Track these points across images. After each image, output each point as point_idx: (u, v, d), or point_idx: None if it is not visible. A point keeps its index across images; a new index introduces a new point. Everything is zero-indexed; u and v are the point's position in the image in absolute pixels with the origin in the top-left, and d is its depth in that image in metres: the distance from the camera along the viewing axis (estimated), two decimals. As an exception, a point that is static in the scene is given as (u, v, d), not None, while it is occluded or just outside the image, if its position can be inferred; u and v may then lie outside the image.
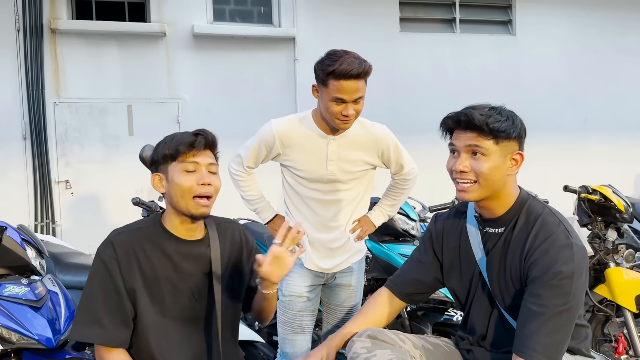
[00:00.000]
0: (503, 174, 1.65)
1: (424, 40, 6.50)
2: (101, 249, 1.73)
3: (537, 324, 1.53)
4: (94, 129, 5.57)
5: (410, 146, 2.49)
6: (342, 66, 2.07)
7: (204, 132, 1.75)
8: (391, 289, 1.96)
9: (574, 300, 1.53)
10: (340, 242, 2.40)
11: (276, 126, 2.31)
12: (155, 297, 1.73)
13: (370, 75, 2.18)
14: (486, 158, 1.63)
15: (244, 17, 6.09)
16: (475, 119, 1.62)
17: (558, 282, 1.52)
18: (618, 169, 6.64)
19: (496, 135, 1.61)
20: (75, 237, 5.22)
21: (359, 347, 1.71)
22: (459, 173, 1.67)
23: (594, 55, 7.03)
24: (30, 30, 5.30)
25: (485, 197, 1.68)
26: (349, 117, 2.16)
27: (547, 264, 1.54)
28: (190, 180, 1.69)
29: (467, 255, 1.79)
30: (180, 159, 1.70)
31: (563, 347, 1.56)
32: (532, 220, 1.65)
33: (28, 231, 2.48)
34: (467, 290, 1.81)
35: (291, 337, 2.39)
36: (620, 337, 2.89)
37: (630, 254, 3.05)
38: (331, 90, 2.12)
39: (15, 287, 2.20)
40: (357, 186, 2.39)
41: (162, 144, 1.76)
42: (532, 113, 6.69)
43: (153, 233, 1.76)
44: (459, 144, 1.67)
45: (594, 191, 2.97)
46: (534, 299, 1.55)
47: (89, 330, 1.68)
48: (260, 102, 5.94)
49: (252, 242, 1.95)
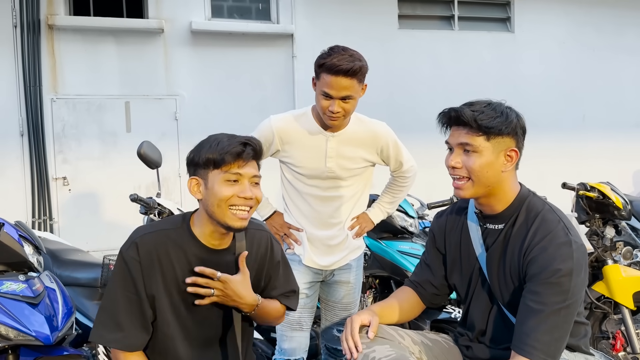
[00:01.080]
0: (496, 171, 1.64)
1: (422, 37, 6.50)
2: (124, 250, 1.67)
3: (536, 321, 1.52)
4: (92, 125, 5.56)
5: (408, 143, 2.49)
6: (333, 61, 2.07)
7: (251, 141, 1.66)
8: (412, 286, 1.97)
9: (572, 298, 1.53)
10: (338, 239, 2.40)
11: (275, 122, 2.31)
12: (174, 303, 1.69)
13: (364, 77, 2.16)
14: (477, 155, 1.62)
15: (242, 14, 6.07)
16: (464, 115, 1.62)
17: (557, 279, 1.51)
18: (616, 167, 6.65)
19: (486, 131, 1.61)
20: (73, 234, 5.21)
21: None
22: (452, 169, 1.67)
23: (592, 53, 7.04)
24: (27, 26, 5.28)
25: (481, 194, 1.67)
26: (334, 113, 2.14)
27: (546, 262, 1.54)
28: (232, 191, 1.62)
29: (468, 251, 1.79)
30: (224, 169, 1.62)
31: (562, 345, 1.56)
32: (532, 217, 1.65)
33: (25, 227, 2.47)
34: (467, 286, 1.81)
35: (289, 333, 2.39)
36: (618, 334, 2.90)
37: (628, 251, 3.06)
38: (321, 84, 2.14)
39: (13, 283, 2.19)
40: (356, 183, 2.39)
41: (205, 146, 1.65)
42: (530, 110, 6.67)
43: (179, 236, 1.70)
44: (452, 140, 1.68)
45: (592, 188, 2.97)
46: (533, 297, 1.55)
47: (109, 334, 1.65)
48: (258, 98, 5.93)
49: (277, 255, 1.88)
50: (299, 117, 2.33)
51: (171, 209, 2.83)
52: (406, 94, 6.36)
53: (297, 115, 2.34)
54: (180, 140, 5.71)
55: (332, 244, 2.39)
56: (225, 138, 1.65)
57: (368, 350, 1.65)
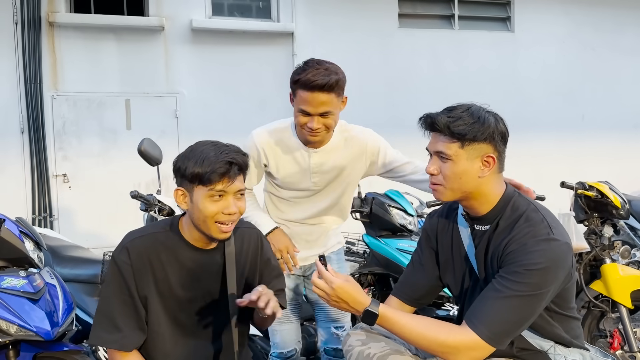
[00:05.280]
0: (472, 177, 1.63)
1: (422, 36, 6.50)
2: (116, 254, 1.71)
3: (492, 300, 1.54)
4: (92, 122, 5.57)
5: (406, 142, 2.48)
6: (307, 77, 1.98)
7: (236, 159, 1.63)
8: (399, 297, 1.95)
9: (538, 291, 1.52)
10: (317, 235, 2.38)
11: (257, 137, 2.23)
12: (167, 304, 1.73)
13: (342, 90, 2.06)
14: (452, 162, 1.62)
15: (242, 12, 6.08)
16: (437, 123, 1.62)
17: (526, 270, 1.51)
18: (615, 166, 6.65)
19: (459, 138, 1.60)
20: (73, 231, 5.23)
21: (354, 339, 1.74)
22: (430, 176, 1.68)
23: (592, 53, 7.05)
24: (28, 23, 5.28)
25: (459, 198, 1.68)
26: (313, 130, 2.06)
27: (521, 254, 1.54)
28: (216, 207, 1.62)
29: (459, 252, 1.80)
30: (209, 186, 1.61)
31: (511, 330, 1.55)
32: (515, 217, 1.64)
33: (26, 224, 2.48)
34: (460, 286, 1.82)
35: (279, 327, 2.40)
36: (616, 333, 2.91)
37: (626, 250, 3.07)
38: (298, 101, 2.05)
39: (14, 279, 2.20)
40: (340, 187, 2.33)
41: (191, 159, 1.62)
42: (529, 110, 6.75)
43: (168, 239, 1.73)
44: (430, 147, 1.69)
45: (590, 187, 2.98)
46: (498, 279, 1.56)
47: (107, 335, 1.68)
48: (258, 97, 5.94)
49: (267, 253, 1.90)
50: (281, 130, 2.24)
51: (171, 206, 2.85)
52: (406, 93, 6.36)
53: (279, 129, 2.25)
54: (180, 137, 5.71)
55: (310, 240, 2.37)
56: (212, 153, 1.61)
57: (363, 347, 1.66)
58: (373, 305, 1.58)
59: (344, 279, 1.59)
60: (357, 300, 1.58)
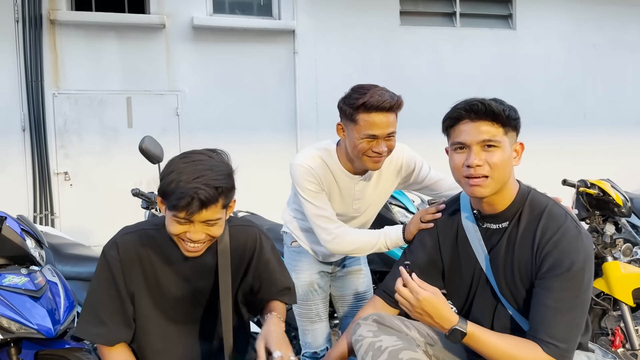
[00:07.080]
0: (511, 167, 1.60)
1: (424, 34, 6.49)
2: (106, 249, 1.70)
3: (552, 318, 1.51)
4: (93, 120, 5.57)
5: (409, 140, 2.47)
6: (374, 98, 1.91)
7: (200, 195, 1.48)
8: (384, 297, 1.90)
9: (586, 292, 1.53)
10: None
11: (305, 162, 2.10)
12: (157, 301, 1.72)
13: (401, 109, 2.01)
14: (500, 150, 1.57)
15: (243, 10, 6.07)
16: (494, 107, 1.56)
17: (571, 273, 1.50)
18: (616, 164, 6.65)
19: (508, 124, 1.57)
20: (74, 229, 5.23)
21: (364, 330, 1.68)
22: (475, 168, 1.57)
23: (594, 50, 7.04)
24: (29, 21, 5.28)
25: (495, 191, 1.61)
26: (380, 154, 1.98)
27: (560, 256, 1.52)
28: (180, 229, 1.56)
29: (467, 253, 1.75)
30: (172, 212, 1.53)
31: (577, 339, 1.56)
32: (537, 214, 1.61)
33: (27, 221, 2.48)
34: (468, 287, 1.77)
35: (311, 327, 2.36)
36: (617, 331, 2.90)
37: (628, 248, 3.06)
38: (361, 127, 1.94)
39: (15, 277, 2.20)
40: (377, 207, 2.33)
41: (167, 176, 1.53)
42: (531, 107, 6.73)
43: (159, 236, 1.70)
44: (470, 138, 1.58)
45: (592, 185, 2.97)
46: (548, 293, 1.52)
47: (92, 328, 1.68)
48: (259, 94, 5.93)
49: (267, 252, 1.83)
50: (326, 157, 2.13)
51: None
52: (407, 91, 6.23)
53: (323, 155, 2.14)
54: (181, 135, 5.71)
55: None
56: (184, 177, 1.49)
57: (375, 339, 1.63)
58: (461, 324, 1.54)
59: (432, 291, 1.55)
60: (443, 316, 1.54)
